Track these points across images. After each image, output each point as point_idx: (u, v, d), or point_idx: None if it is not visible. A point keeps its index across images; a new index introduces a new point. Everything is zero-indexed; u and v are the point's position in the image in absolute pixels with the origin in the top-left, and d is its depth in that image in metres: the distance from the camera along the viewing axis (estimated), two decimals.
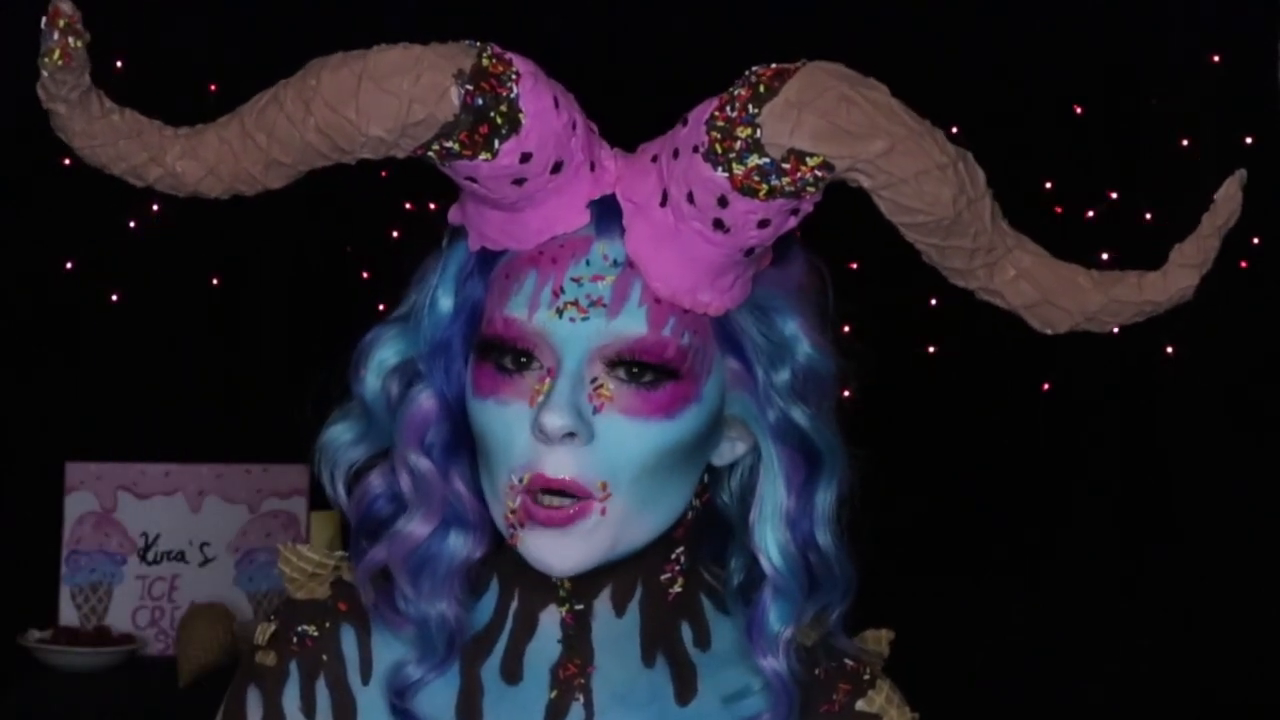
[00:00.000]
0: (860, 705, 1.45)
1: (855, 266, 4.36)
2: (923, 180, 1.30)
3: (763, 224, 1.32)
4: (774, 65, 1.30)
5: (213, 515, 3.71)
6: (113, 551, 3.69)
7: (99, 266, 4.21)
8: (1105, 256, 4.30)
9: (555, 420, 1.32)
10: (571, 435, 1.32)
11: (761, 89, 1.29)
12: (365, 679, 1.43)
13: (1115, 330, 1.39)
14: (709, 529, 1.44)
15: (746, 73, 1.30)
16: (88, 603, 3.67)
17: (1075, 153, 4.29)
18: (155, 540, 3.70)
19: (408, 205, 3.93)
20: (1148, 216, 4.34)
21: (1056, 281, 1.35)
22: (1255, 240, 4.37)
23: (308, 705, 1.43)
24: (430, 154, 1.32)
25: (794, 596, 1.39)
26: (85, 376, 4.22)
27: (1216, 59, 4.38)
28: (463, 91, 1.30)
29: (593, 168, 1.35)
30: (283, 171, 1.35)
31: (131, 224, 4.17)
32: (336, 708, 1.43)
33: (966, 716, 3.59)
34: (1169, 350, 4.44)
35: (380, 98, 1.30)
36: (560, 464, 1.33)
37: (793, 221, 1.34)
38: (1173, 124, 4.31)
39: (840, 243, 4.75)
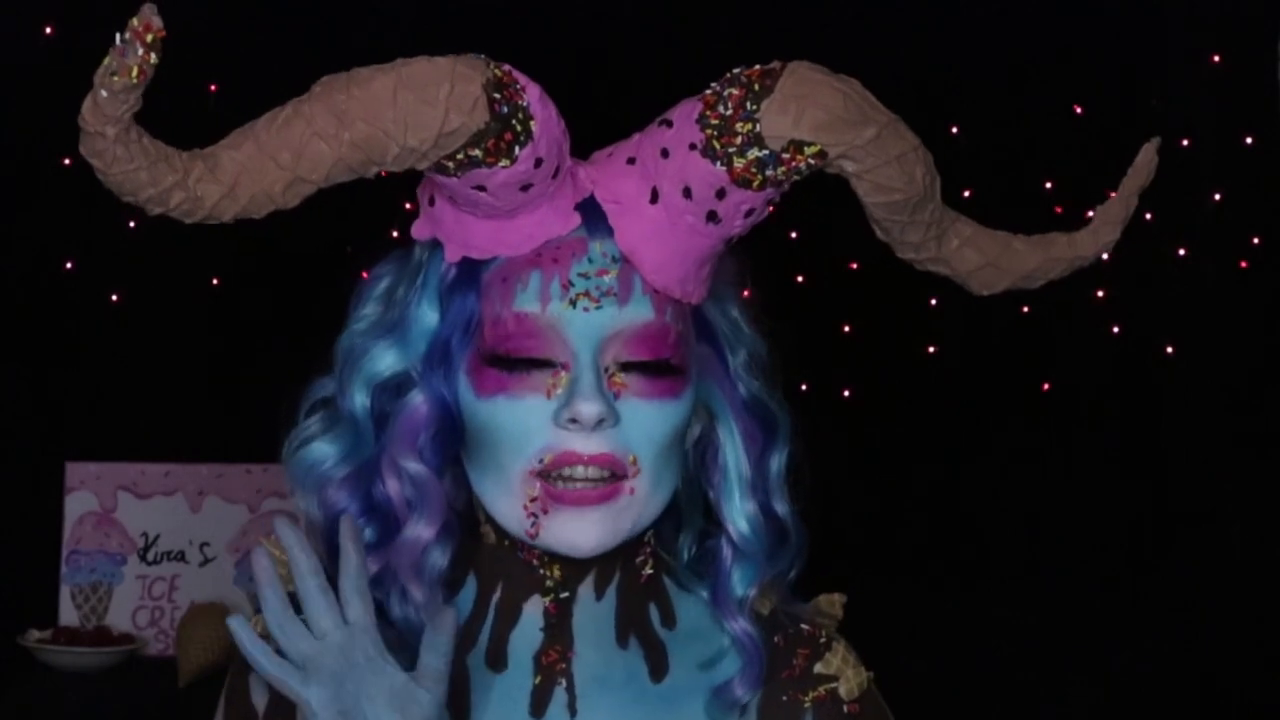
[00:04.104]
0: (818, 668, 1.50)
1: (855, 266, 4.36)
2: (903, 161, 1.40)
3: (748, 213, 1.42)
4: (756, 66, 1.40)
5: (213, 515, 3.71)
6: (113, 551, 3.69)
7: (99, 266, 4.20)
8: (1105, 256, 4.30)
9: (591, 408, 1.39)
10: (601, 421, 1.40)
11: (756, 87, 1.38)
12: None
13: (1040, 285, 1.52)
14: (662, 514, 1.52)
15: (730, 74, 1.40)
16: (88, 603, 3.67)
17: (1075, 153, 4.29)
18: (155, 540, 3.70)
19: (407, 205, 3.93)
20: (1148, 216, 4.33)
21: (995, 247, 1.48)
22: (1255, 240, 4.37)
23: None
24: (449, 164, 1.36)
25: (757, 560, 1.48)
26: (85, 376, 4.22)
27: (1216, 59, 4.38)
28: (492, 100, 1.34)
29: (571, 173, 1.42)
30: (303, 190, 1.37)
31: (131, 224, 4.16)
32: None
33: (963, 718, 3.59)
34: (1169, 350, 4.44)
35: (419, 108, 1.34)
36: (591, 443, 1.40)
37: (768, 212, 1.43)
38: (1173, 124, 4.30)
39: (840, 243, 4.73)
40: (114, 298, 4.22)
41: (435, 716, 1.35)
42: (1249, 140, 4.33)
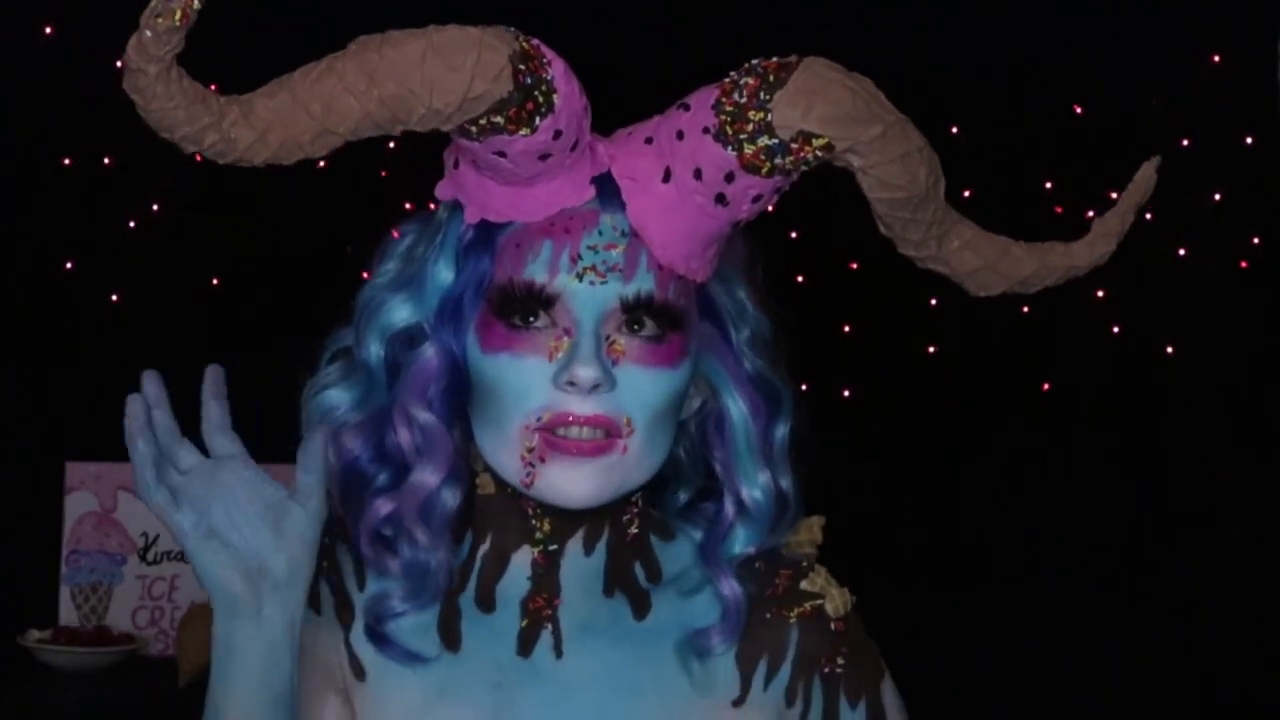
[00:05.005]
0: (804, 585, 1.57)
1: (855, 266, 4.36)
2: (906, 161, 1.46)
3: (756, 199, 1.47)
4: (775, 59, 1.45)
5: None
6: (113, 551, 3.70)
7: (99, 266, 4.21)
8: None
9: (588, 372, 1.46)
10: (597, 385, 1.46)
11: (771, 78, 1.44)
12: (360, 586, 1.54)
13: (1034, 291, 1.57)
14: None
15: (748, 64, 1.46)
16: (88, 603, 3.67)
17: (1075, 153, 4.29)
18: (155, 540, 3.70)
19: (408, 205, 3.94)
20: (1148, 217, 4.32)
21: (994, 251, 1.53)
22: (1255, 240, 4.37)
23: (312, 601, 1.51)
24: (472, 128, 1.43)
25: (763, 525, 1.54)
26: (85, 376, 4.21)
27: (1216, 59, 4.38)
28: (517, 70, 1.40)
29: (591, 148, 1.49)
30: (331, 141, 1.43)
31: (131, 224, 4.17)
32: (338, 607, 1.54)
33: (963, 718, 3.59)
34: (1169, 350, 4.44)
35: (445, 73, 1.41)
36: (587, 405, 1.47)
37: (775, 198, 1.49)
38: (1173, 124, 4.30)
39: (840, 243, 4.72)
40: (114, 298, 4.22)
41: (309, 530, 1.46)
42: (1249, 140, 4.33)
